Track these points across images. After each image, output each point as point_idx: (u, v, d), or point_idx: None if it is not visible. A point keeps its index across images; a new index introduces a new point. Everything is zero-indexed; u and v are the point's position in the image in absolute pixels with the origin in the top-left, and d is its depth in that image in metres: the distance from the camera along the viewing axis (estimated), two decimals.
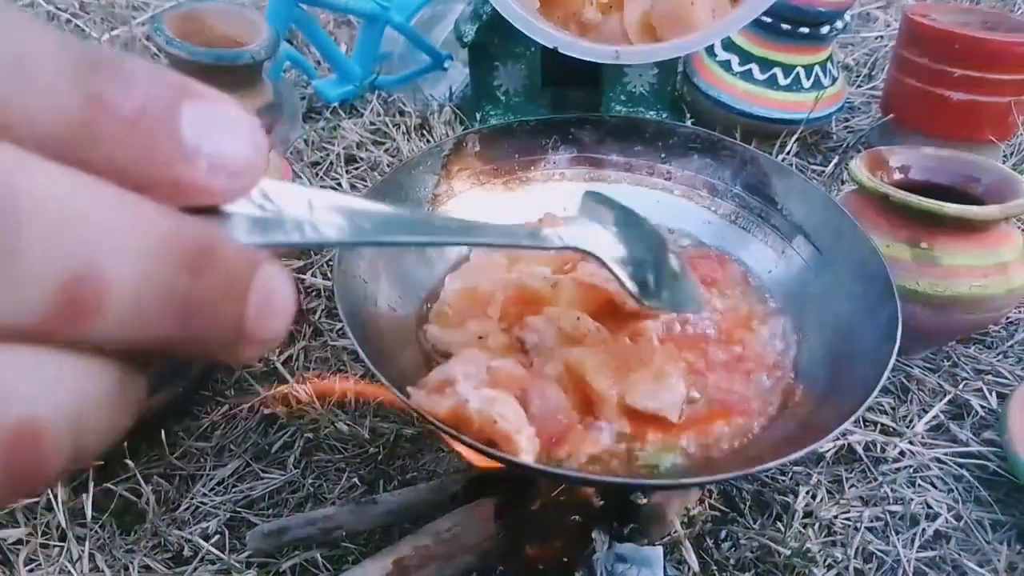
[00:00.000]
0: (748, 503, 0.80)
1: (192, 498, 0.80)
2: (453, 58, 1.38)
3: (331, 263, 0.87)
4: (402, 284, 0.74)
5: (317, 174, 1.20)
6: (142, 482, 0.79)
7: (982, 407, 0.91)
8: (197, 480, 0.82)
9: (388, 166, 1.20)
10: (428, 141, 1.26)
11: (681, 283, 0.64)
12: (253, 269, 0.22)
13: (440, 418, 0.58)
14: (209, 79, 0.78)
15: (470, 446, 0.59)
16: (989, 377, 0.95)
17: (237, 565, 0.73)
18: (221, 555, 0.74)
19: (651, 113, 1.30)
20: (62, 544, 0.75)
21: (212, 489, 0.81)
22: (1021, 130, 1.27)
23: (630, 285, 0.57)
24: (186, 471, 0.83)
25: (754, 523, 0.78)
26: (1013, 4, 1.77)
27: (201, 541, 0.75)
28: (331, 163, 1.22)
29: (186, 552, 0.76)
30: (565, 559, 0.73)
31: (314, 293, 1.00)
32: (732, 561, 0.75)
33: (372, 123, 1.30)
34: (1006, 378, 0.95)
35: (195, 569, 0.74)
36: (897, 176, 0.95)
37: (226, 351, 0.22)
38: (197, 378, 0.83)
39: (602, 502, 0.73)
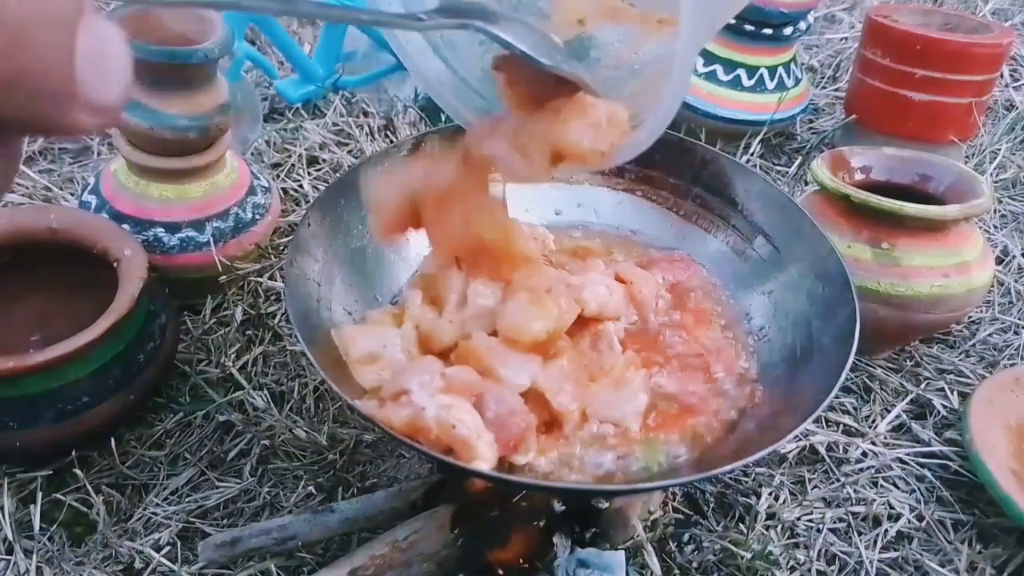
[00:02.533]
0: (711, 505, 0.80)
1: (145, 508, 0.78)
2: None
3: None
4: (358, 287, 0.72)
5: (278, 175, 1.18)
6: (92, 493, 0.77)
7: (944, 406, 0.91)
8: (150, 490, 0.80)
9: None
10: (392, 143, 1.24)
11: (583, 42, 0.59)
12: (77, 14, 0.21)
13: (396, 428, 0.57)
14: (161, 78, 0.76)
15: (427, 456, 0.58)
16: (951, 376, 0.96)
17: None
18: (173, 567, 0.72)
19: None
20: (8, 557, 0.73)
21: (165, 499, 0.79)
22: (982, 131, 1.28)
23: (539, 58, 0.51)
24: (138, 480, 0.80)
25: (717, 525, 0.78)
26: (974, 6, 1.79)
27: (152, 552, 0.73)
28: (293, 164, 1.20)
29: (137, 564, 0.74)
30: (526, 565, 0.72)
31: (273, 297, 0.98)
32: (695, 564, 0.74)
33: (335, 124, 1.28)
34: (968, 377, 0.95)
35: None
36: (859, 176, 0.95)
37: (59, 109, 0.21)
38: (149, 385, 0.80)
39: (563, 507, 0.72)
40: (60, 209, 0.87)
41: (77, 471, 0.77)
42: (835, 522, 0.79)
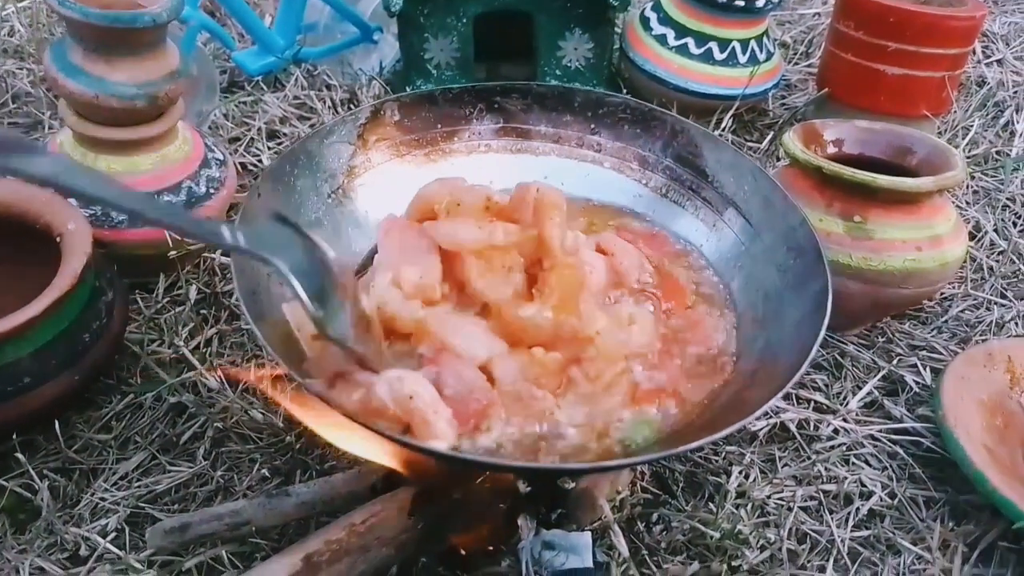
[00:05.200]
0: (680, 485, 0.78)
1: (92, 494, 0.75)
2: (383, 30, 1.32)
3: None
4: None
5: (237, 150, 1.14)
6: (36, 478, 0.73)
7: (916, 383, 0.90)
8: (98, 474, 0.77)
9: None
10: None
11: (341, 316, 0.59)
12: None
13: (348, 411, 0.55)
14: (106, 42, 0.72)
15: (382, 435, 0.55)
16: (923, 353, 0.94)
17: (136, 565, 0.68)
18: (120, 553, 0.69)
19: None
20: None
21: (115, 484, 0.76)
22: (954, 106, 1.27)
23: (307, 302, 0.54)
24: (86, 465, 0.77)
25: (686, 505, 0.76)
26: None
27: (99, 539, 0.70)
28: (252, 139, 1.16)
29: (83, 551, 0.70)
30: (491, 548, 0.70)
31: (229, 276, 0.95)
32: (663, 545, 0.72)
33: (296, 97, 1.24)
34: (940, 353, 0.94)
35: (91, 569, 0.68)
36: (831, 150, 0.94)
37: None
38: (96, 366, 0.77)
39: (528, 488, 0.69)
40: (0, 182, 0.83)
41: (19, 455, 0.73)
42: (806, 500, 0.78)
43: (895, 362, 0.92)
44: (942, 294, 1.02)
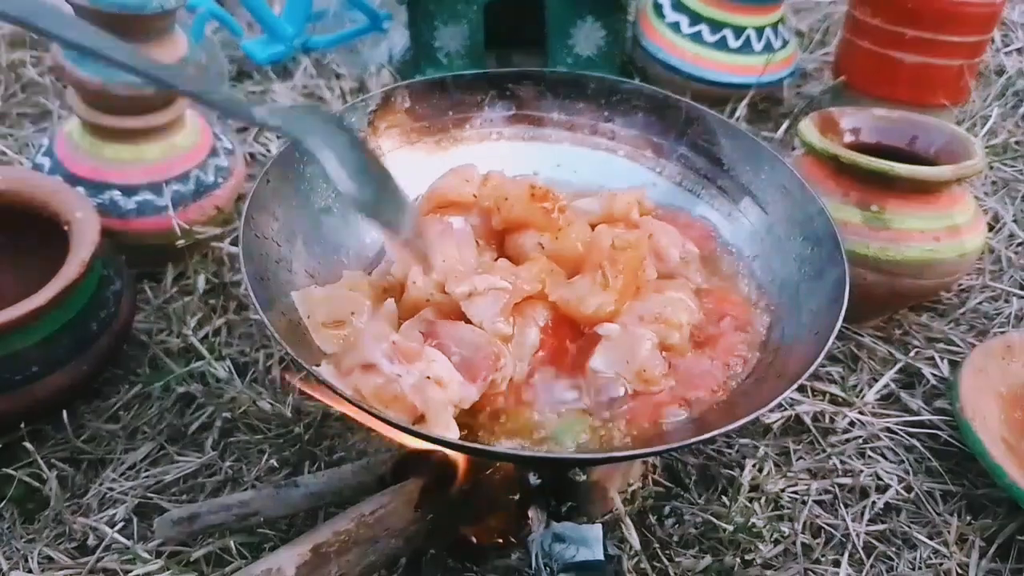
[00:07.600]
0: (693, 477, 0.77)
1: (100, 484, 0.74)
2: (393, 18, 1.31)
3: None
4: (322, 248, 0.69)
5: (245, 139, 1.13)
6: (44, 468, 0.73)
7: (934, 375, 0.89)
8: (107, 464, 0.76)
9: None
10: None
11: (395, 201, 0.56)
12: None
13: (355, 398, 0.54)
14: (114, 29, 0.71)
15: (389, 423, 0.55)
16: (941, 345, 0.93)
17: (144, 555, 0.67)
18: (128, 543, 0.69)
19: None
20: None
21: (123, 474, 0.75)
22: (973, 95, 1.25)
23: (342, 178, 0.52)
24: (94, 455, 0.77)
25: (699, 498, 0.75)
26: None
27: (107, 528, 0.70)
28: (260, 128, 1.15)
29: (91, 541, 0.70)
30: (500, 540, 0.69)
31: (238, 266, 0.94)
32: (675, 538, 0.71)
33: (305, 86, 1.24)
34: (958, 346, 0.92)
35: (99, 559, 0.68)
36: (848, 138, 0.92)
37: None
38: (103, 355, 0.76)
39: (539, 480, 0.68)
40: (7, 170, 0.83)
41: (27, 445, 0.73)
42: (821, 494, 0.76)
43: (912, 354, 0.91)
44: (960, 285, 1.00)
